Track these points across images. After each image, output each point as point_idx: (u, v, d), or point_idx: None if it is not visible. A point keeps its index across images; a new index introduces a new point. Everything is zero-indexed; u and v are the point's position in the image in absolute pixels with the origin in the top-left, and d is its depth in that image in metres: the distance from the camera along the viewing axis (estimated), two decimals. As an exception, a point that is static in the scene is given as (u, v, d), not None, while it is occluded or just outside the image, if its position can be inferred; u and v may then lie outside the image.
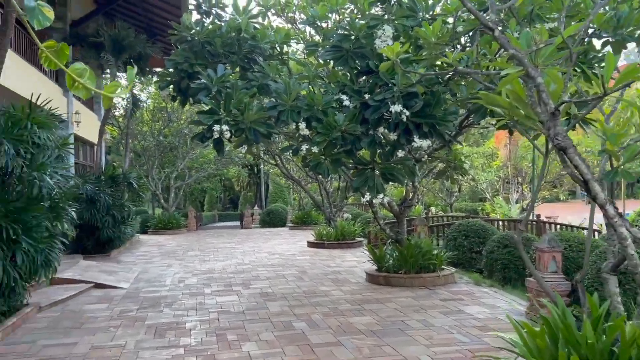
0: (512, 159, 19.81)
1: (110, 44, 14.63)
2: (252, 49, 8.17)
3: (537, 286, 7.07)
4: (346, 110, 6.92)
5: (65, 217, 7.86)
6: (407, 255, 9.50)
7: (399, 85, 6.43)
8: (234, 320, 7.30)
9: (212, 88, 7.30)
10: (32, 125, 7.18)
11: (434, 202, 27.12)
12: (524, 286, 9.47)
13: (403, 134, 6.57)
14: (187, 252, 15.86)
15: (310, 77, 7.41)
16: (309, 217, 24.18)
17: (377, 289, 9.30)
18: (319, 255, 14.24)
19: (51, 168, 7.46)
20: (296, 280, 10.38)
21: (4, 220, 6.68)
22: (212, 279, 10.77)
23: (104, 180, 14.58)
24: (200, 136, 7.33)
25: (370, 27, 6.91)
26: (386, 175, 6.93)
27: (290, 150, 7.85)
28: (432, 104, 6.55)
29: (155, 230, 23.24)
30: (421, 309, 7.67)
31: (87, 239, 13.94)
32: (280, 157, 20.15)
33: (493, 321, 6.99)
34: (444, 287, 9.33)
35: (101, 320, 7.45)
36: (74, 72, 2.38)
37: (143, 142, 26.23)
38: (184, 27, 8.21)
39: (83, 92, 2.44)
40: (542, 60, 4.04)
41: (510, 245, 9.70)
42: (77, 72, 2.40)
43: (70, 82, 2.40)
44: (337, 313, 7.55)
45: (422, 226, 11.28)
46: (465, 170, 10.66)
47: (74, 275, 10.37)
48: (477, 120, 6.99)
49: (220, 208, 43.43)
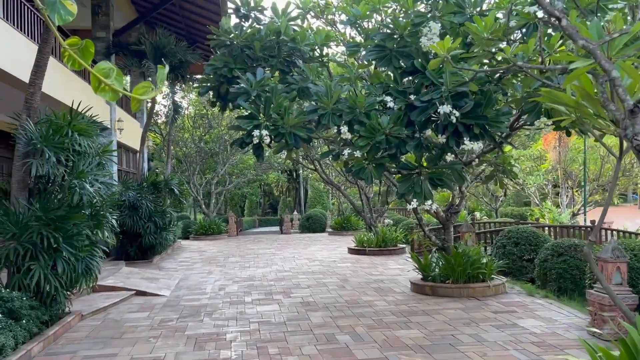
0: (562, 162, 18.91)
1: (151, 52, 14.76)
2: (292, 51, 7.95)
3: (600, 299, 6.53)
4: (390, 112, 6.58)
5: (106, 224, 7.81)
6: (454, 264, 9.04)
7: (447, 84, 6.05)
8: (275, 331, 7.05)
9: (252, 92, 7.11)
10: (72, 132, 7.15)
11: (477, 207, 26.30)
12: (581, 297, 8.87)
13: (452, 136, 6.17)
14: (228, 259, 15.80)
15: (352, 78, 7.11)
16: (348, 222, 23.86)
17: (423, 299, 8.88)
18: (360, 263, 13.89)
19: (92, 175, 7.42)
20: (338, 289, 10.07)
21: (45, 229, 6.65)
22: (253, 287, 10.59)
23: (146, 186, 14.69)
24: (240, 142, 7.14)
25: (415, 25, 6.57)
26: (434, 180, 6.54)
27: (330, 155, 7.56)
28: (483, 103, 6.13)
29: (196, 236, 23.39)
30: (472, 322, 7.22)
31: (129, 246, 14.05)
32: (319, 162, 19.92)
33: (551, 336, 6.49)
34: (495, 298, 8.83)
35: (141, 330, 7.34)
36: (99, 72, 2.16)
37: (184, 149, 26.53)
38: (223, 32, 8.07)
39: (109, 94, 2.21)
40: (615, 52, 3.61)
41: (565, 253, 9.11)
42: (103, 73, 2.17)
43: (96, 84, 2.18)
44: (382, 325, 7.20)
45: (469, 233, 10.78)
46: (515, 174, 10.11)
47: (116, 283, 10.37)
48: (531, 120, 6.52)
49: (260, 213, 43.56)
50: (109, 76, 2.18)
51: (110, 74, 2.19)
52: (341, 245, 18.57)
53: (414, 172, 6.71)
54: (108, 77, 2.18)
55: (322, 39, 8.10)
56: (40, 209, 6.84)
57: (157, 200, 14.61)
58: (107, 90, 2.19)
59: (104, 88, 2.19)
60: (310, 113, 6.82)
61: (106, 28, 14.87)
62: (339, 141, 7.26)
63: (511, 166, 9.99)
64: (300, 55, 8.01)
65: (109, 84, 2.16)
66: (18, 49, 8.91)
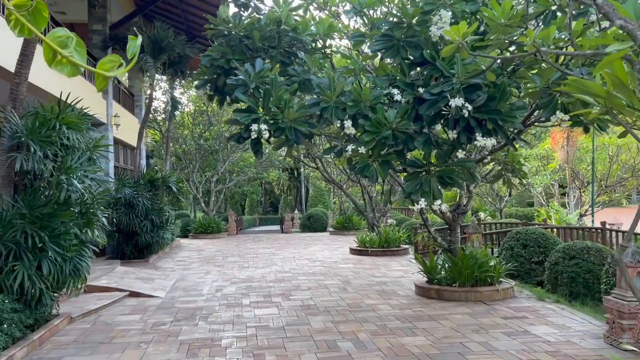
0: (570, 162, 18.46)
1: (149, 45, 14.36)
2: (293, 42, 7.54)
3: (619, 306, 6.13)
4: (397, 106, 6.18)
5: (97, 223, 7.43)
6: (461, 267, 8.65)
7: (459, 75, 5.64)
8: (273, 337, 6.67)
9: (250, 84, 6.71)
10: (60, 125, 6.76)
11: (481, 207, 25.88)
12: (595, 302, 8.47)
13: (463, 132, 5.76)
14: (227, 258, 15.42)
15: (356, 69, 6.71)
16: (350, 222, 23.47)
17: (429, 303, 8.49)
18: (362, 264, 13.50)
19: (81, 171, 7.04)
20: (339, 292, 9.68)
21: (30, 227, 6.27)
22: (251, 288, 10.21)
23: (143, 184, 14.31)
24: (237, 136, 6.74)
25: (425, 13, 6.16)
26: (444, 178, 6.12)
27: (333, 151, 7.15)
28: (497, 97, 5.73)
29: (195, 234, 23.02)
30: (481, 329, 6.83)
31: (125, 244, 13.68)
32: (321, 160, 19.54)
33: (566, 345, 6.10)
34: (503, 302, 8.43)
35: (132, 334, 6.96)
36: (54, 41, 1.76)
37: (184, 146, 26.15)
38: (221, 21, 7.67)
39: (67, 68, 1.81)
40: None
41: (578, 256, 8.71)
42: (59, 41, 1.77)
43: (50, 55, 1.79)
44: (387, 332, 6.81)
45: (476, 234, 10.38)
46: (525, 173, 9.70)
47: (110, 283, 10.00)
48: (547, 116, 6.11)
49: (260, 212, 43.21)
50: (67, 46, 1.77)
51: (68, 44, 1.78)
52: (343, 245, 18.18)
53: (422, 170, 6.31)
54: (65, 47, 1.77)
55: (325, 28, 7.70)
56: (25, 206, 6.46)
57: (155, 197, 14.22)
58: (64, 64, 1.78)
59: (60, 61, 1.79)
60: (311, 106, 6.43)
61: (103, 21, 14.49)
62: (342, 137, 6.86)
63: (520, 165, 9.59)
64: (301, 46, 7.61)
65: (66, 55, 1.76)
66: (2, 36, 8.48)
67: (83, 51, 1.84)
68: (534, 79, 5.46)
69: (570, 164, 18.63)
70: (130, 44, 1.90)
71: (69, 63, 1.81)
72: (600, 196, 19.38)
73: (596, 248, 8.78)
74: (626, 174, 18.89)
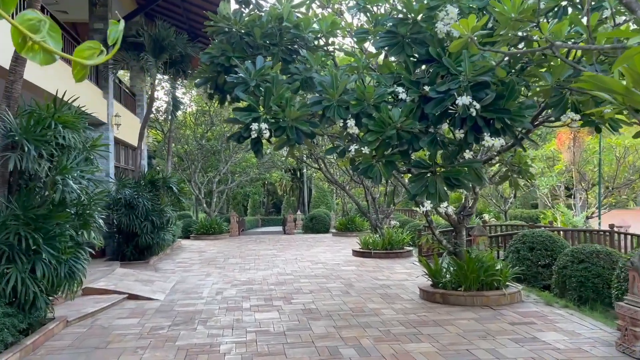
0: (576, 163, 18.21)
1: (150, 44, 14.20)
2: (295, 39, 7.35)
3: (632, 313, 5.91)
4: (402, 105, 5.98)
5: (93, 224, 7.25)
6: (467, 270, 8.43)
7: (466, 73, 5.44)
8: (274, 343, 6.47)
9: (250, 82, 6.52)
10: (56, 124, 6.59)
11: (485, 209, 25.64)
12: (604, 307, 8.26)
13: (471, 131, 5.56)
14: (228, 260, 15.23)
15: (359, 67, 6.51)
16: (353, 223, 23.27)
17: (434, 307, 8.28)
18: (365, 266, 13.29)
19: (77, 172, 6.86)
20: (342, 295, 9.48)
21: (24, 229, 6.10)
22: (252, 291, 10.02)
23: (143, 184, 14.14)
24: (237, 136, 6.55)
25: (431, 9, 5.97)
26: (450, 180, 5.92)
27: (335, 152, 6.95)
28: (506, 95, 5.52)
29: (197, 235, 22.85)
30: (488, 335, 6.62)
31: (125, 246, 13.51)
32: (324, 160, 19.37)
33: (577, 353, 5.89)
34: (510, 307, 8.22)
35: (129, 339, 6.78)
36: (24, 25, 1.57)
37: (186, 146, 25.99)
38: (221, 18, 7.49)
39: (40, 55, 1.62)
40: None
41: (587, 260, 8.50)
42: (30, 25, 1.58)
43: (19, 41, 1.61)
44: (390, 337, 6.60)
45: (482, 237, 10.16)
46: (532, 174, 9.48)
47: (108, 285, 9.82)
48: (557, 115, 5.91)
49: (263, 212, 43.05)
50: (39, 30, 1.58)
51: (40, 27, 1.60)
52: (345, 247, 17.97)
53: (428, 171, 6.11)
54: (37, 32, 1.59)
55: (327, 26, 7.50)
56: (19, 207, 6.29)
57: (155, 198, 14.05)
58: (36, 51, 1.59)
59: (31, 47, 1.60)
60: (313, 105, 6.24)
61: (104, 20, 14.32)
62: (345, 136, 6.67)
63: (527, 166, 9.36)
64: (304, 43, 7.42)
65: (37, 40, 1.58)
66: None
67: (58, 36, 1.65)
68: (544, 77, 5.26)
69: (577, 165, 18.39)
70: (112, 29, 1.70)
71: (41, 50, 1.62)
72: (607, 198, 19.12)
73: (606, 252, 8.57)
74: (633, 176, 18.65)
